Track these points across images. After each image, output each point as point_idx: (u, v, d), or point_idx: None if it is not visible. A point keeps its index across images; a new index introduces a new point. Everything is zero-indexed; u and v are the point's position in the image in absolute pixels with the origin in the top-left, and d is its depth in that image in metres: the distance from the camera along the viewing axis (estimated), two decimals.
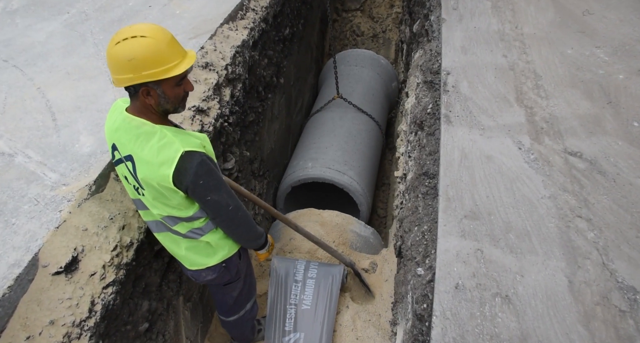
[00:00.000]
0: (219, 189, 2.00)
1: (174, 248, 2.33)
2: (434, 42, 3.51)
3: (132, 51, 1.72)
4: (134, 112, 1.94)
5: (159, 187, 1.93)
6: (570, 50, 2.85)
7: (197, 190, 1.94)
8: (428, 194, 2.29)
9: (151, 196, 2.03)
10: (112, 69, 1.80)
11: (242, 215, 2.18)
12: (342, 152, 4.73)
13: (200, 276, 2.41)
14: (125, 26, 1.85)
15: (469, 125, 2.41)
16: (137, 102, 1.90)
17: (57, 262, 2.08)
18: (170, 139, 1.87)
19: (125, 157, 2.00)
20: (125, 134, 1.96)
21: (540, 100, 2.52)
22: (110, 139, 2.07)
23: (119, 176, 2.21)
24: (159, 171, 1.87)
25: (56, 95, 3.14)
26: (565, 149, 2.19)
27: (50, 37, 3.94)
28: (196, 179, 1.89)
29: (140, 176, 1.95)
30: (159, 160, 1.86)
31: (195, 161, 1.87)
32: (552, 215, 1.90)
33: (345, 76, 5.90)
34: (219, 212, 2.08)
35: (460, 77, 2.77)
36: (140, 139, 1.91)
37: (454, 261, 1.77)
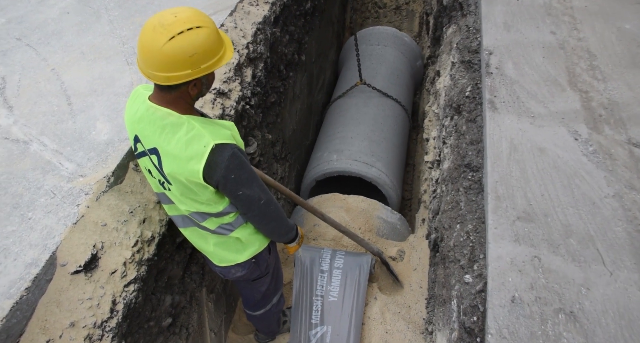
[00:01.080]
0: (251, 183, 1.86)
1: (202, 244, 2.21)
2: (470, 17, 3.24)
3: (194, 45, 1.57)
4: (159, 102, 1.77)
5: (187, 182, 1.80)
6: (628, 25, 2.57)
7: (228, 185, 1.80)
8: (471, 189, 2.10)
9: (179, 191, 1.90)
10: (162, 67, 1.59)
11: (274, 209, 2.04)
12: (368, 141, 4.45)
13: (230, 273, 2.29)
14: (160, 12, 1.63)
15: (517, 112, 2.19)
16: (171, 94, 1.73)
17: (76, 261, 1.96)
18: (199, 131, 1.72)
19: (149, 149, 1.85)
20: (149, 125, 1.80)
21: (596, 83, 2.27)
22: (132, 130, 1.92)
23: (142, 169, 2.07)
24: (187, 166, 1.73)
25: (71, 77, 2.98)
26: (629, 140, 1.97)
27: (64, 13, 3.76)
28: (227, 173, 1.75)
29: (166, 171, 1.81)
30: (187, 154, 1.72)
31: (226, 154, 1.73)
32: (618, 217, 1.70)
33: (367, 57, 5.56)
34: (251, 207, 1.95)
35: (505, 58, 2.52)
36: (167, 131, 1.75)
37: (508, 270, 1.59)
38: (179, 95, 1.73)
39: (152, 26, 1.58)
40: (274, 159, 4.16)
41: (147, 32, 1.59)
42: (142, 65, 1.67)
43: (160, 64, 1.59)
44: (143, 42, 1.61)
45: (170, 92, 1.72)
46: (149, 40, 1.58)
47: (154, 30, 1.57)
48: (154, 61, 1.60)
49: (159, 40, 1.55)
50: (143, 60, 1.65)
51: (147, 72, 1.66)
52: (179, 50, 1.56)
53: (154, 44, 1.56)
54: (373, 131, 4.58)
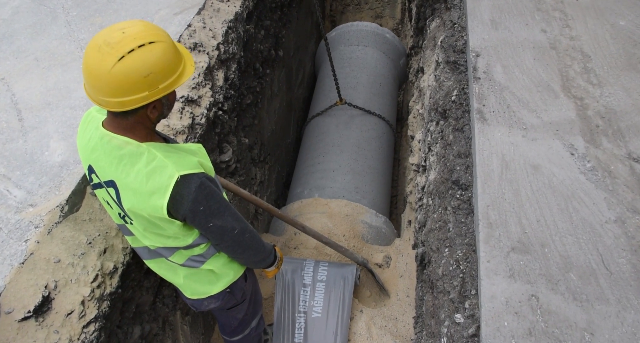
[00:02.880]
0: (222, 213, 1.68)
1: (171, 276, 2.02)
2: (454, 11, 3.04)
3: (148, 64, 1.37)
4: (115, 130, 1.56)
5: (150, 217, 1.61)
6: (623, 21, 2.40)
7: (197, 218, 1.63)
8: (460, 209, 1.93)
9: (141, 227, 1.71)
10: (113, 92, 1.38)
11: (248, 236, 1.84)
12: (351, 174, 4.12)
13: (202, 305, 2.11)
14: (105, 29, 1.40)
15: (507, 123, 2.01)
16: (127, 119, 1.51)
17: (24, 306, 1.76)
18: (160, 161, 1.53)
19: (106, 182, 1.64)
20: (104, 155, 1.59)
21: (591, 88, 2.10)
22: (85, 159, 1.70)
23: (100, 200, 1.86)
24: (149, 201, 1.55)
25: (23, 87, 2.73)
26: (630, 154, 1.81)
27: (16, 13, 3.47)
28: (195, 206, 1.58)
29: (126, 206, 1.62)
30: (148, 189, 1.53)
31: (193, 186, 1.55)
32: (621, 246, 1.54)
33: (346, 61, 5.15)
34: (224, 238, 1.76)
35: (493, 60, 2.34)
36: (124, 162, 1.56)
37: (503, 312, 1.43)
38: (137, 120, 1.53)
39: (96, 46, 1.37)
40: (252, 163, 3.95)
41: (92, 54, 1.37)
42: (90, 92, 1.45)
43: (112, 89, 1.38)
44: (88, 65, 1.39)
45: (126, 117, 1.51)
46: (95, 63, 1.37)
47: (100, 51, 1.36)
48: (103, 86, 1.38)
49: (107, 61, 1.34)
50: (91, 86, 1.43)
51: (96, 99, 1.44)
52: (131, 71, 1.36)
53: (101, 67, 1.35)
54: (356, 160, 4.24)
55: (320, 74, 5.52)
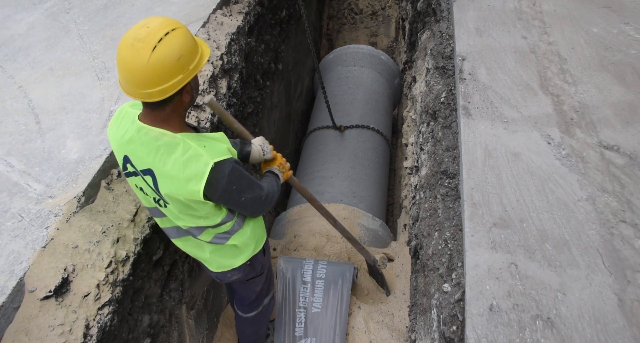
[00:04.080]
0: (251, 187, 1.89)
1: (197, 252, 2.20)
2: (443, 22, 3.26)
3: (177, 48, 1.53)
4: (151, 122, 1.71)
5: (185, 200, 1.78)
6: (596, 29, 2.60)
7: (231, 196, 1.83)
8: (448, 196, 2.09)
9: (177, 209, 1.88)
10: (153, 82, 1.53)
11: (272, 196, 2.04)
12: (349, 181, 4.33)
13: (226, 277, 2.29)
14: (129, 30, 1.56)
15: (490, 118, 2.19)
16: (165, 110, 1.67)
17: (46, 286, 1.89)
18: (195, 151, 1.68)
19: (142, 171, 1.80)
20: (141, 146, 1.74)
21: (567, 86, 2.29)
22: (120, 151, 1.86)
23: (131, 186, 2.03)
24: (187, 187, 1.70)
25: (39, 94, 2.91)
26: (600, 142, 1.98)
27: (31, 28, 3.69)
28: (229, 187, 1.76)
29: (163, 192, 1.78)
30: (185, 176, 1.69)
31: (226, 170, 1.72)
32: (592, 220, 1.70)
33: (343, 79, 5.41)
34: (254, 206, 1.97)
35: (477, 63, 2.53)
36: (161, 152, 1.71)
37: (485, 278, 1.58)
38: (172, 109, 1.68)
39: (129, 45, 1.52)
40: (253, 170, 4.11)
41: (126, 52, 1.52)
42: (131, 88, 1.59)
43: (152, 79, 1.53)
44: (126, 63, 1.53)
45: (164, 107, 1.66)
46: (131, 60, 1.51)
47: (133, 47, 1.51)
48: (143, 79, 1.53)
49: (142, 55, 1.50)
50: (131, 82, 1.57)
51: (138, 93, 1.58)
52: (165, 58, 1.51)
53: (138, 61, 1.50)
54: (353, 168, 4.44)
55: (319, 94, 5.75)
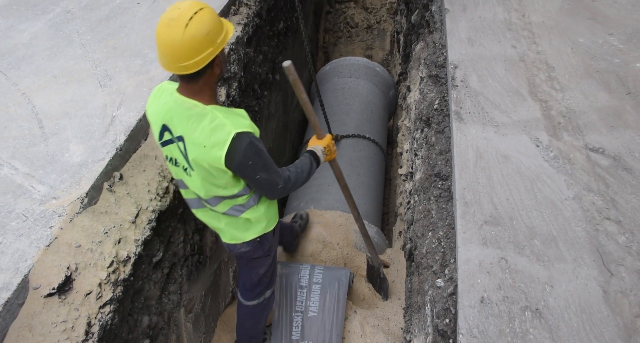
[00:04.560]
0: (267, 169, 2.02)
1: (214, 222, 2.37)
2: (436, 33, 3.36)
3: (206, 25, 1.74)
4: (187, 94, 1.94)
5: (209, 167, 1.96)
6: (582, 39, 2.71)
7: (246, 170, 1.97)
8: (441, 197, 2.16)
9: (200, 176, 2.04)
10: (187, 54, 1.74)
11: (292, 185, 2.20)
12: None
13: (235, 248, 2.45)
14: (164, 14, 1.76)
15: (481, 122, 2.28)
16: (195, 85, 1.90)
17: (49, 283, 1.94)
18: (221, 120, 1.88)
19: (177, 137, 2.00)
20: (177, 115, 1.97)
21: (554, 93, 2.38)
22: (159, 120, 2.06)
23: (165, 158, 2.21)
24: (211, 153, 1.89)
25: (43, 100, 2.98)
26: (586, 145, 2.07)
27: (35, 38, 3.77)
28: (245, 160, 1.91)
29: (191, 157, 1.97)
30: (211, 142, 1.88)
31: (244, 142, 1.88)
32: (578, 218, 1.77)
33: (339, 90, 5.51)
34: (270, 189, 2.13)
35: (469, 71, 2.63)
36: (192, 121, 1.92)
37: (477, 272, 1.64)
38: (205, 81, 1.89)
39: (165, 25, 1.74)
40: None
41: (163, 31, 1.74)
42: (169, 63, 1.80)
43: (186, 53, 1.74)
44: (164, 41, 1.75)
45: (197, 80, 1.87)
46: (168, 37, 1.73)
47: (169, 26, 1.72)
48: (179, 52, 1.74)
49: (177, 32, 1.71)
50: (169, 57, 1.77)
51: (176, 67, 1.79)
52: (197, 32, 1.72)
53: (174, 37, 1.71)
54: (349, 176, 4.38)
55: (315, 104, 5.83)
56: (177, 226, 2.76)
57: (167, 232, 2.65)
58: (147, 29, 3.63)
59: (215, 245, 3.26)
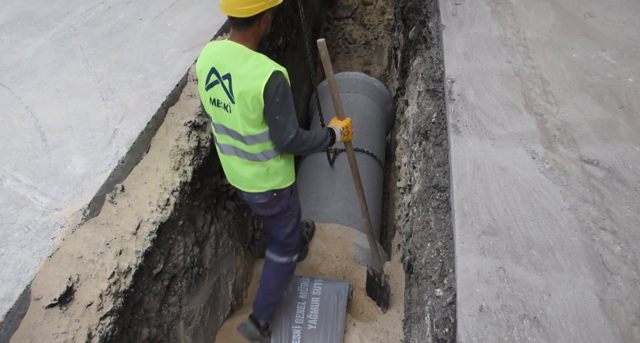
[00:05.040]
0: (286, 113, 2.27)
1: (240, 170, 2.58)
2: (433, 49, 3.43)
3: None
4: (236, 40, 2.29)
5: (249, 98, 2.21)
6: (575, 54, 2.78)
7: (271, 107, 2.23)
8: (440, 208, 2.19)
9: (239, 111, 2.29)
10: (243, 1, 2.13)
11: (302, 143, 2.39)
12: (343, 202, 4.41)
13: (253, 198, 2.66)
14: None
15: (478, 134, 2.32)
16: (245, 33, 2.26)
17: (51, 294, 1.95)
18: (264, 60, 2.25)
19: (224, 76, 2.28)
20: (225, 56, 2.29)
21: (549, 106, 2.44)
22: (209, 64, 2.35)
23: (205, 102, 2.48)
24: (254, 82, 2.18)
25: (45, 113, 3.02)
26: (581, 157, 2.11)
27: (38, 53, 3.82)
28: (274, 95, 2.20)
29: (235, 90, 2.24)
30: (255, 74, 2.18)
31: (279, 80, 2.20)
32: (574, 228, 1.80)
33: None
34: (281, 136, 2.32)
35: (466, 85, 2.68)
36: (239, 59, 2.24)
37: (475, 281, 1.66)
38: (252, 32, 2.26)
39: None
40: None
41: None
42: (229, 6, 2.17)
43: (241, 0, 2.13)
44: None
45: (247, 28, 2.24)
46: None
47: None
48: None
49: None
50: (230, 1, 2.15)
51: (234, 10, 2.16)
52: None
53: None
54: (348, 190, 4.50)
55: (314, 119, 5.88)
56: (178, 238, 2.77)
57: (167, 243, 2.67)
58: (149, 44, 3.69)
59: (214, 257, 3.28)
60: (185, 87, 3.23)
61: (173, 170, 2.77)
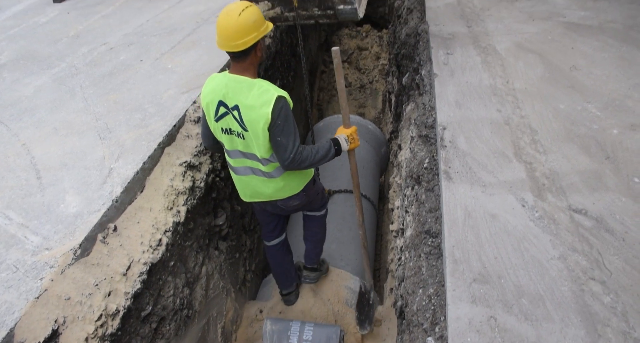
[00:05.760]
0: (288, 135, 2.44)
1: (261, 187, 2.78)
2: (426, 96, 3.53)
3: (253, 15, 2.36)
4: (237, 72, 2.47)
5: (260, 126, 2.39)
6: (562, 105, 2.87)
7: (274, 129, 2.41)
8: (431, 254, 2.20)
9: (252, 136, 2.48)
10: (238, 35, 2.32)
11: (304, 159, 2.54)
12: (336, 243, 4.41)
13: (288, 203, 2.90)
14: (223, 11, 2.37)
15: (469, 181, 2.36)
16: (244, 63, 2.44)
17: (35, 338, 1.91)
18: (267, 87, 2.42)
19: (232, 107, 2.47)
20: (231, 89, 2.46)
21: (538, 155, 2.50)
22: (215, 98, 2.52)
23: (217, 132, 2.65)
24: (261, 110, 2.37)
25: (42, 151, 3.05)
26: (570, 206, 2.15)
27: (39, 91, 3.90)
28: (277, 118, 2.38)
29: (245, 119, 2.44)
30: (260, 102, 2.37)
31: (280, 104, 2.38)
32: (564, 277, 1.82)
33: None
34: (282, 155, 2.48)
35: (457, 132, 2.75)
36: (244, 90, 2.43)
37: (466, 330, 1.66)
38: (250, 61, 2.45)
39: (224, 14, 2.35)
40: (243, 231, 4.19)
41: (223, 18, 2.34)
42: (225, 42, 2.36)
43: (237, 33, 2.32)
44: (222, 25, 2.33)
45: (244, 59, 2.43)
46: (226, 22, 2.32)
47: (227, 15, 2.33)
48: (233, 34, 2.32)
49: (233, 18, 2.31)
50: (225, 38, 2.35)
51: (228, 44, 2.35)
52: (246, 19, 2.33)
53: (230, 22, 2.31)
54: (341, 231, 4.53)
55: None
56: (168, 279, 2.74)
57: (157, 285, 2.64)
58: (148, 84, 3.78)
59: (204, 299, 3.23)
60: (182, 127, 3.28)
61: (166, 210, 2.78)
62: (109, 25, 5.32)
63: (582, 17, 3.94)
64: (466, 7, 4.60)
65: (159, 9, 5.68)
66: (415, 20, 4.96)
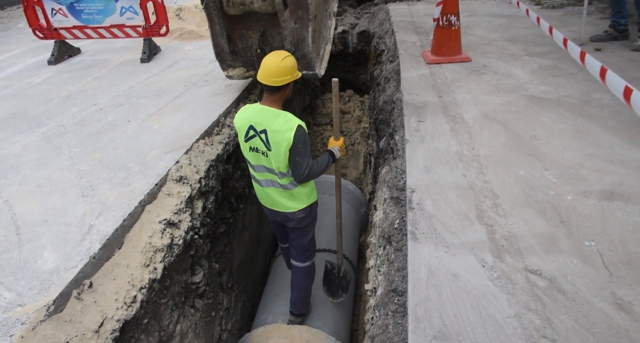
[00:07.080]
0: (304, 156, 2.98)
1: (277, 197, 3.27)
2: (398, 159, 3.74)
3: (292, 62, 2.98)
4: (267, 104, 3.02)
5: (284, 147, 2.90)
6: (522, 172, 3.08)
7: (294, 151, 2.93)
8: (397, 312, 2.28)
9: (275, 155, 2.98)
10: (278, 74, 2.91)
11: (314, 172, 3.08)
12: (314, 303, 4.42)
13: (296, 214, 3.32)
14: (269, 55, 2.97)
15: (434, 242, 2.50)
16: (275, 96, 3.01)
17: None
18: (290, 117, 2.96)
19: (260, 131, 2.98)
20: (261, 116, 2.99)
21: (499, 218, 2.66)
22: (247, 123, 3.04)
23: (246, 151, 3.18)
24: (285, 135, 2.88)
25: (24, 208, 3.12)
26: (526, 267, 2.28)
27: (26, 149, 4.02)
28: (297, 142, 2.89)
29: (271, 141, 2.94)
30: (285, 128, 2.89)
31: (300, 131, 2.91)
32: (518, 335, 1.91)
33: None
34: (297, 171, 3.03)
35: (424, 195, 2.92)
36: (272, 118, 2.95)
37: None
38: (280, 96, 3.03)
39: (273, 55, 2.98)
40: (220, 289, 4.20)
41: (271, 58, 2.95)
42: (266, 77, 2.93)
43: (278, 72, 2.91)
44: (269, 63, 2.93)
45: (277, 93, 3.00)
46: (272, 61, 2.93)
47: (275, 57, 2.95)
48: (275, 71, 2.91)
49: (278, 60, 2.93)
50: (267, 73, 2.92)
51: (269, 79, 2.93)
52: (287, 64, 2.94)
53: (275, 62, 2.92)
54: (318, 290, 4.52)
55: None
56: (141, 337, 2.75)
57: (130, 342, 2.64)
58: (134, 144, 3.94)
59: None
60: (164, 186, 3.40)
61: (143, 267, 2.83)
62: (100, 87, 5.56)
63: (543, 91, 4.28)
64: (438, 78, 4.96)
65: (149, 73, 5.97)
66: (392, 89, 5.30)
